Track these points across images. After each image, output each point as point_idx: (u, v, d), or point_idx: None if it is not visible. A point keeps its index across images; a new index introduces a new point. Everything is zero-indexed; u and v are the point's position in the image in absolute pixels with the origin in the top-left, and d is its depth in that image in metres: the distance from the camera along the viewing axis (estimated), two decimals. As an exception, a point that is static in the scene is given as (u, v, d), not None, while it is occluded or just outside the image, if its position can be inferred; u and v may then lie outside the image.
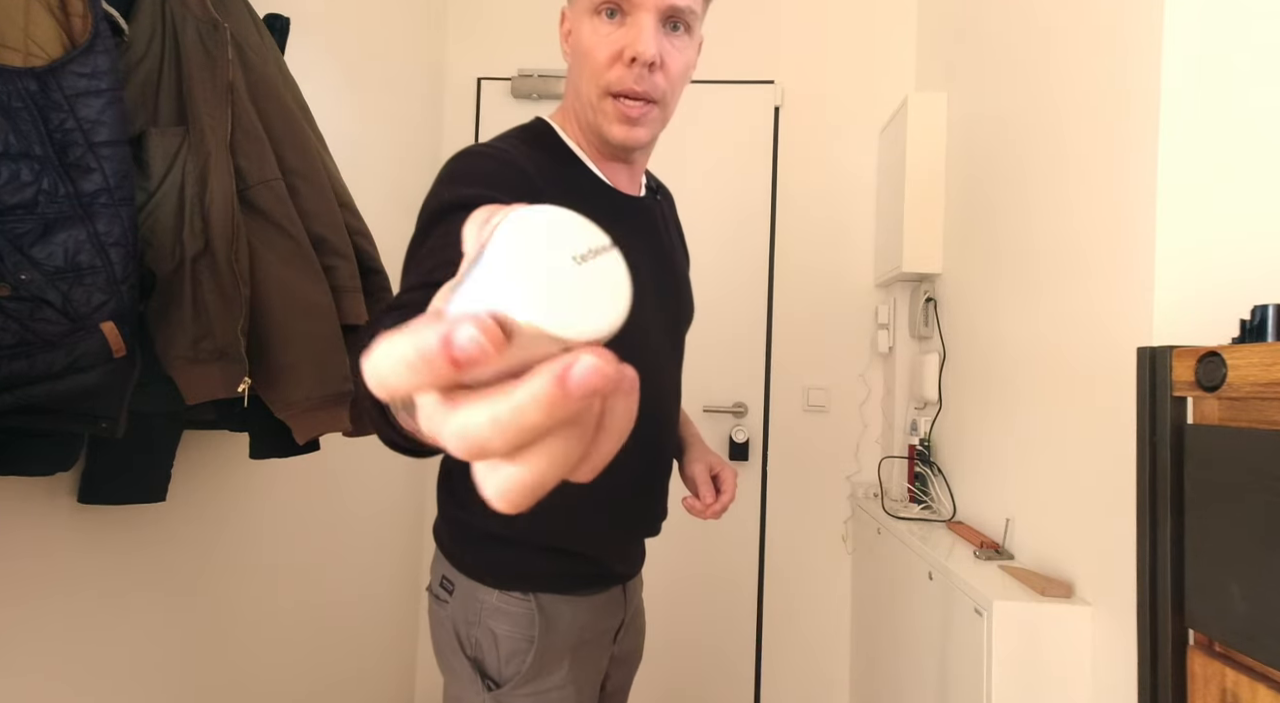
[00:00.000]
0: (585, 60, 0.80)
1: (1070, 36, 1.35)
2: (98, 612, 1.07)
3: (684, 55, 0.81)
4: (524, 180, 0.77)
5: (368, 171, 1.87)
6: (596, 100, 0.81)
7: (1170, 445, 0.81)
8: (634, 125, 0.80)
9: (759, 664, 2.29)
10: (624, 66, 0.78)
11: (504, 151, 0.79)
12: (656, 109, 0.81)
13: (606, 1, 0.77)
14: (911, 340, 2.15)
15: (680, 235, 1.04)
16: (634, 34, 0.77)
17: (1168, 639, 0.81)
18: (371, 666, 2.03)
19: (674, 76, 0.80)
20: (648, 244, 0.90)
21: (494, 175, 0.77)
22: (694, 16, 0.81)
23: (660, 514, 0.98)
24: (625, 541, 0.96)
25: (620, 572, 0.96)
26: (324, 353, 1.07)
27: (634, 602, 1.02)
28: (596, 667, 0.94)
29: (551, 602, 0.88)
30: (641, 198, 0.92)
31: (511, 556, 0.87)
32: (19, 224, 0.75)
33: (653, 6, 0.77)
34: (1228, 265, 1.03)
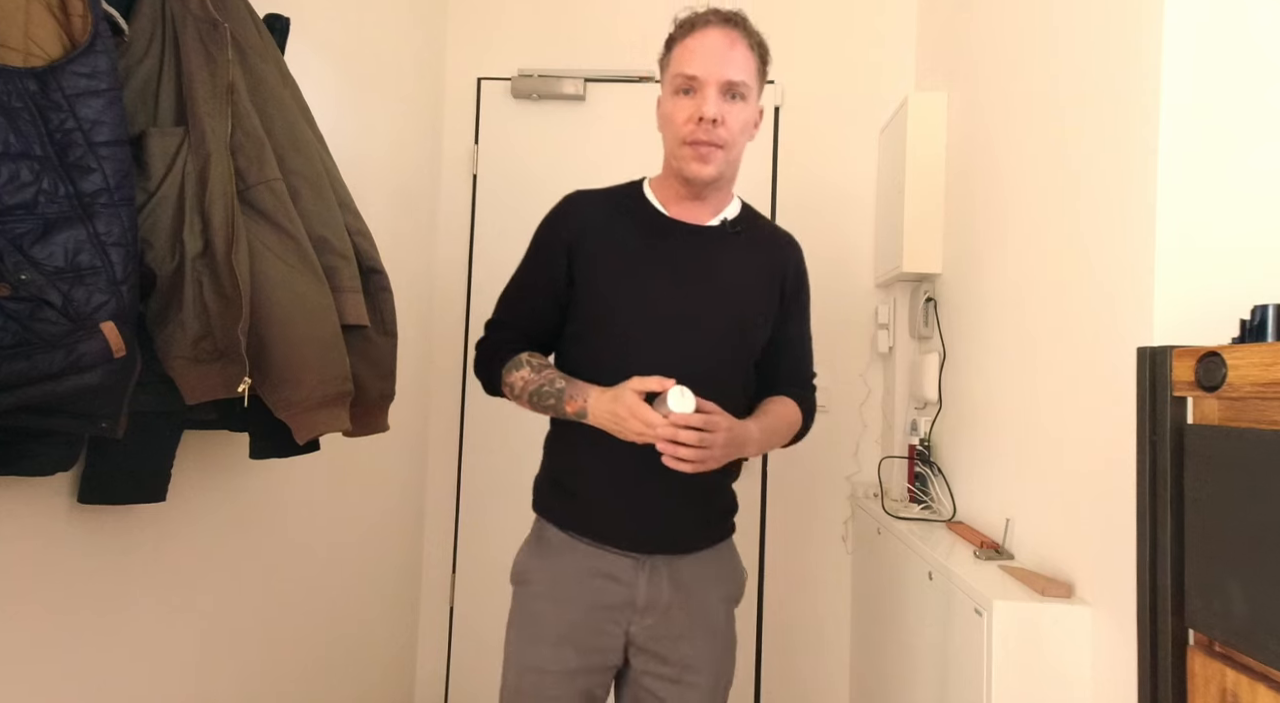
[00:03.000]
0: (670, 123, 1.13)
1: (1070, 36, 1.35)
2: (97, 612, 1.07)
3: (741, 116, 1.12)
4: (589, 212, 1.20)
5: (368, 172, 1.87)
6: (678, 149, 1.13)
7: (1170, 445, 0.81)
8: (704, 162, 1.11)
9: (759, 664, 2.29)
10: (694, 124, 1.09)
11: (582, 195, 1.24)
12: (721, 152, 1.11)
13: (684, 83, 1.11)
14: (911, 340, 2.15)
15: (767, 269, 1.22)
16: (701, 101, 1.09)
17: (1168, 639, 0.81)
18: (371, 666, 2.03)
19: (734, 130, 1.11)
20: (688, 259, 1.17)
21: (564, 213, 1.22)
22: (748, 88, 1.12)
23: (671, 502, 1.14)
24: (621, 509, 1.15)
25: (609, 536, 1.15)
26: (324, 353, 1.07)
27: (657, 589, 1.15)
28: (585, 612, 1.13)
29: (548, 527, 1.20)
30: (702, 226, 1.19)
31: (543, 489, 1.23)
32: (19, 224, 0.75)
33: (714, 83, 1.09)
34: (1228, 265, 1.03)
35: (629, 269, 1.15)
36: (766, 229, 1.27)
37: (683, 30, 1.13)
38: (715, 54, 1.09)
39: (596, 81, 2.37)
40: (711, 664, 1.18)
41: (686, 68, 1.10)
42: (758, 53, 1.15)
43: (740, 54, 1.11)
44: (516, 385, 1.17)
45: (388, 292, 1.27)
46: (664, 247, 1.16)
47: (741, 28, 1.13)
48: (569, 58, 2.40)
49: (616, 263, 1.16)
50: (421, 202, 2.27)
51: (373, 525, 2.00)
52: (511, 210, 2.40)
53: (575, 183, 2.32)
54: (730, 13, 1.13)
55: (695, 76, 1.10)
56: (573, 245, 1.18)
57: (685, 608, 1.16)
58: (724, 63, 1.09)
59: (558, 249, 1.19)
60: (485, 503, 2.38)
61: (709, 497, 1.21)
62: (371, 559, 2.00)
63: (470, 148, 2.43)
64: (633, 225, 1.18)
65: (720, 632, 1.21)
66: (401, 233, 2.11)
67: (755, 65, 1.14)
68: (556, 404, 1.12)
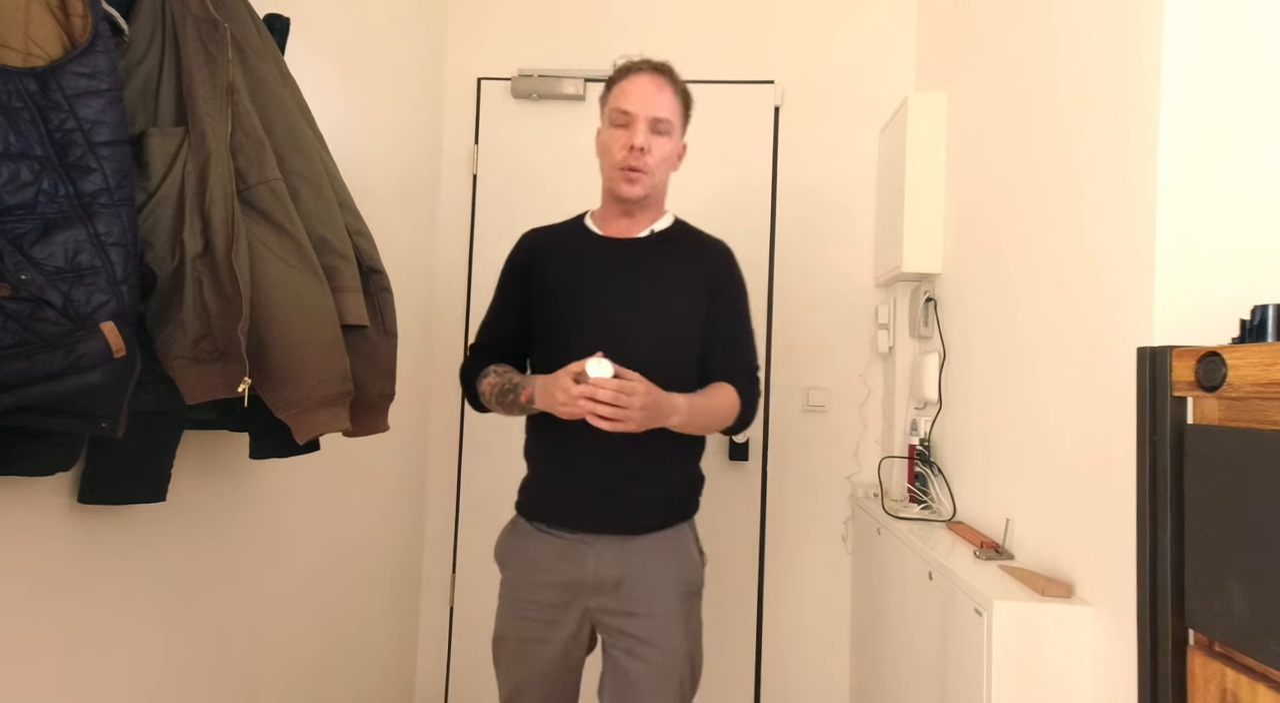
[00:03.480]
0: (607, 150, 1.33)
1: (1070, 36, 1.35)
2: (97, 611, 1.07)
3: (664, 149, 1.32)
4: (537, 242, 1.44)
5: (368, 172, 1.87)
6: (613, 172, 1.33)
7: (1170, 445, 0.81)
8: (633, 184, 1.31)
9: (759, 664, 2.29)
10: (626, 151, 1.30)
11: (535, 231, 1.47)
12: (647, 177, 1.31)
13: (620, 118, 1.31)
14: (911, 340, 2.15)
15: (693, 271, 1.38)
16: (633, 134, 1.30)
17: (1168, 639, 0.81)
18: (372, 666, 2.03)
19: (658, 158, 1.32)
20: (616, 264, 1.36)
21: (520, 248, 1.46)
22: (671, 126, 1.32)
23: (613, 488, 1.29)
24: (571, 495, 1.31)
25: (562, 520, 1.31)
26: (324, 353, 1.07)
27: (607, 568, 1.29)
28: (544, 590, 1.30)
29: (519, 518, 1.39)
30: (631, 239, 1.38)
31: (520, 488, 1.42)
32: (19, 224, 0.75)
33: (644, 119, 1.30)
34: (1228, 265, 1.04)
35: (569, 282, 1.36)
36: (696, 237, 1.43)
37: (620, 74, 1.34)
38: (646, 95, 1.29)
39: (596, 81, 2.37)
40: (664, 641, 1.27)
41: (622, 104, 1.30)
42: (681, 98, 1.35)
43: (666, 97, 1.31)
44: (486, 391, 1.36)
45: (388, 292, 1.28)
46: (599, 260, 1.36)
47: (668, 75, 1.33)
48: (569, 58, 2.40)
49: (559, 278, 1.37)
50: (421, 202, 2.27)
51: (373, 526, 2.00)
52: (511, 210, 2.40)
53: (575, 183, 2.34)
54: (660, 63, 1.34)
55: (629, 112, 1.29)
56: (528, 271, 1.41)
57: (636, 586, 1.28)
58: (653, 103, 1.29)
59: (518, 275, 1.43)
60: (485, 503, 2.38)
61: (653, 480, 1.32)
62: (371, 559, 2.00)
63: (470, 148, 2.43)
64: (574, 247, 1.39)
65: (673, 611, 1.29)
66: (401, 233, 2.11)
67: (679, 107, 1.34)
68: (515, 398, 1.30)
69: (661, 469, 1.33)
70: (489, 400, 1.35)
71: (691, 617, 1.33)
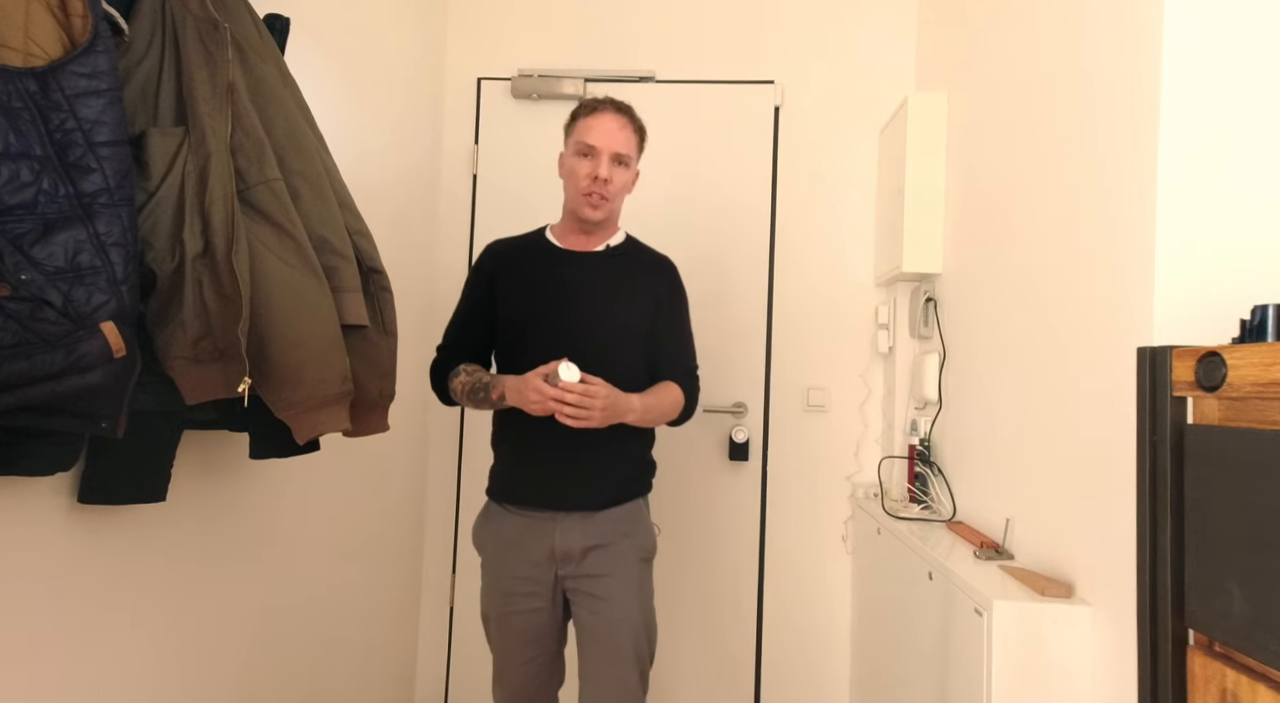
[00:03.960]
0: (573, 177, 1.48)
1: (1070, 36, 1.35)
2: (97, 611, 1.07)
3: (623, 178, 1.50)
4: (501, 253, 1.59)
5: (368, 172, 1.87)
6: (577, 196, 1.48)
7: (1170, 445, 0.81)
8: (595, 209, 1.47)
9: (759, 664, 2.29)
10: (590, 180, 1.45)
11: (498, 242, 1.62)
12: (608, 203, 1.48)
13: (585, 150, 1.46)
14: (911, 340, 2.15)
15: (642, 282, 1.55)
16: (597, 165, 1.45)
17: (1168, 639, 0.81)
18: (371, 666, 2.03)
19: (618, 186, 1.49)
20: (575, 274, 1.51)
21: (484, 258, 1.61)
22: (629, 159, 1.50)
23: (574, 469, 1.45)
24: (536, 477, 1.46)
25: (531, 500, 1.46)
26: (324, 353, 1.07)
27: (572, 538, 1.43)
28: (518, 565, 1.46)
29: (490, 503, 1.55)
30: (588, 252, 1.54)
31: (489, 474, 1.57)
32: (19, 224, 0.75)
33: (607, 153, 1.45)
34: (1228, 265, 1.04)
35: (529, 289, 1.51)
36: (645, 253, 1.61)
37: (586, 110, 1.49)
38: (610, 132, 1.46)
39: (596, 81, 2.37)
40: (620, 599, 1.44)
41: (587, 138, 1.46)
42: (639, 134, 1.51)
43: (627, 134, 1.48)
44: (458, 389, 1.49)
45: (388, 292, 1.27)
46: (556, 270, 1.51)
47: (628, 115, 1.49)
48: (569, 58, 2.40)
49: (520, 285, 1.52)
50: (421, 202, 2.27)
51: (373, 526, 2.00)
52: (511, 210, 2.40)
53: (575, 183, 2.33)
54: (622, 103, 1.50)
55: (594, 146, 1.45)
56: (492, 279, 1.55)
57: (599, 554, 1.45)
58: (615, 139, 1.46)
59: (482, 282, 1.57)
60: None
61: (611, 461, 1.48)
62: (371, 559, 2.00)
63: (470, 148, 2.43)
64: (534, 258, 1.54)
65: (629, 575, 1.47)
66: (401, 233, 2.11)
67: (636, 142, 1.51)
68: (485, 395, 1.43)
69: (617, 455, 1.49)
70: (459, 396, 1.49)
71: (645, 580, 1.51)
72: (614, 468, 1.49)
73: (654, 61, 2.38)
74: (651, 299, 1.54)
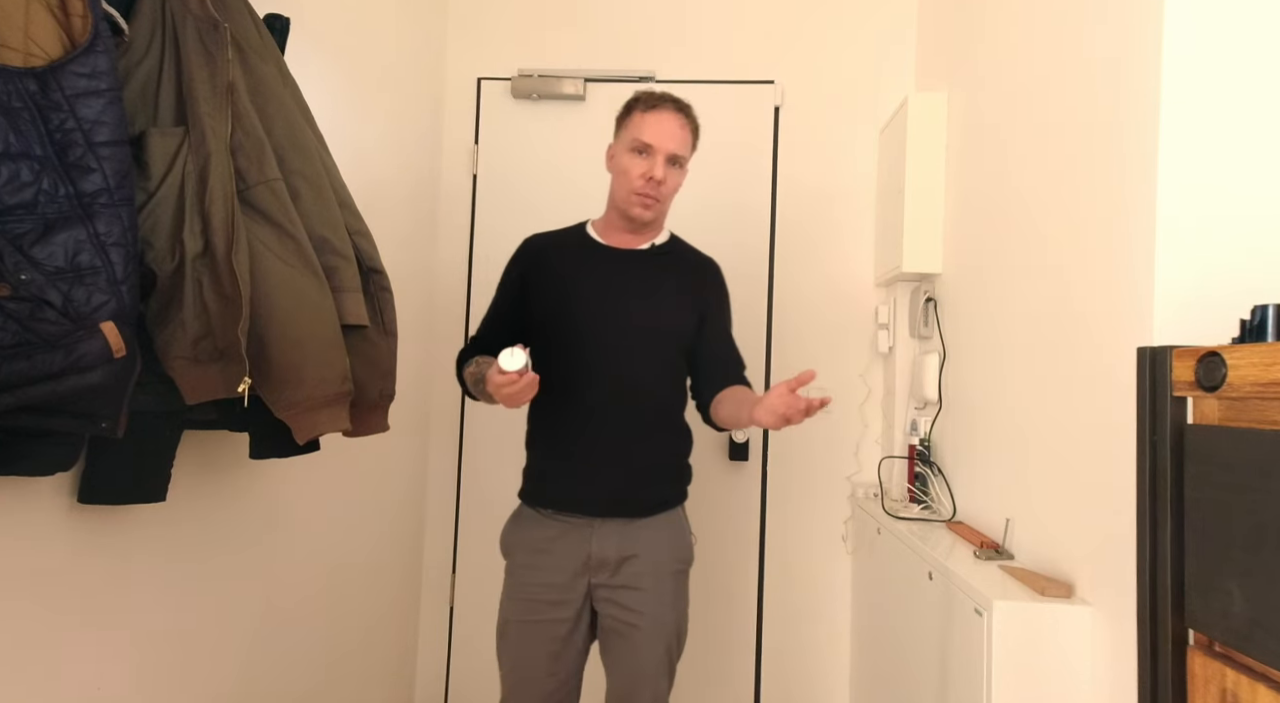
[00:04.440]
0: (625, 175, 1.42)
1: (1070, 36, 1.35)
2: (97, 611, 1.07)
3: (677, 179, 1.44)
4: (539, 247, 1.53)
5: (368, 171, 1.87)
6: (628, 195, 1.41)
7: (1170, 445, 0.81)
8: (646, 210, 1.42)
9: (759, 664, 2.29)
10: (645, 180, 1.39)
11: (536, 236, 1.55)
12: (659, 204, 1.43)
13: (640, 147, 1.40)
14: (911, 340, 2.15)
15: (687, 282, 1.51)
16: (652, 164, 1.39)
17: (1168, 639, 0.81)
18: (372, 666, 2.03)
19: (671, 188, 1.44)
20: (616, 272, 1.46)
21: (521, 252, 1.54)
22: (684, 158, 1.43)
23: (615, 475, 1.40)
24: (574, 482, 1.41)
25: (569, 505, 1.41)
26: (324, 353, 1.07)
27: (608, 547, 1.39)
28: (552, 572, 1.40)
29: (523, 507, 1.48)
30: (634, 250, 1.49)
31: (523, 478, 1.50)
32: (19, 224, 0.75)
33: (664, 153, 1.39)
34: (1228, 265, 1.03)
35: (564, 285, 1.45)
36: (690, 253, 1.56)
37: (645, 105, 1.42)
38: (669, 132, 1.40)
39: (596, 81, 2.37)
40: (654, 612, 1.40)
41: (644, 136, 1.39)
42: (694, 134, 1.46)
43: (685, 134, 1.42)
44: (468, 381, 1.45)
45: (388, 292, 1.27)
46: (595, 267, 1.46)
47: (687, 114, 1.44)
48: (569, 58, 2.40)
49: (555, 280, 1.46)
50: (421, 202, 2.27)
51: (373, 525, 2.00)
52: (511, 210, 2.40)
53: (575, 183, 2.34)
54: (682, 102, 1.44)
55: (650, 145, 1.39)
56: (526, 274, 1.50)
57: (634, 564, 1.40)
58: (673, 139, 1.40)
59: (515, 277, 1.52)
60: (485, 503, 2.38)
61: (651, 469, 1.44)
62: (372, 559, 2.00)
63: (470, 148, 2.43)
64: (573, 253, 1.49)
65: (665, 587, 1.42)
66: (401, 233, 2.11)
67: (691, 142, 1.45)
68: (483, 387, 1.35)
69: (659, 461, 1.46)
70: (469, 386, 1.46)
71: (680, 591, 1.46)
72: (655, 474, 1.45)
73: (654, 61, 2.38)
74: (698, 300, 1.49)
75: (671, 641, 1.42)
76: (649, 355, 1.42)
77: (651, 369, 1.40)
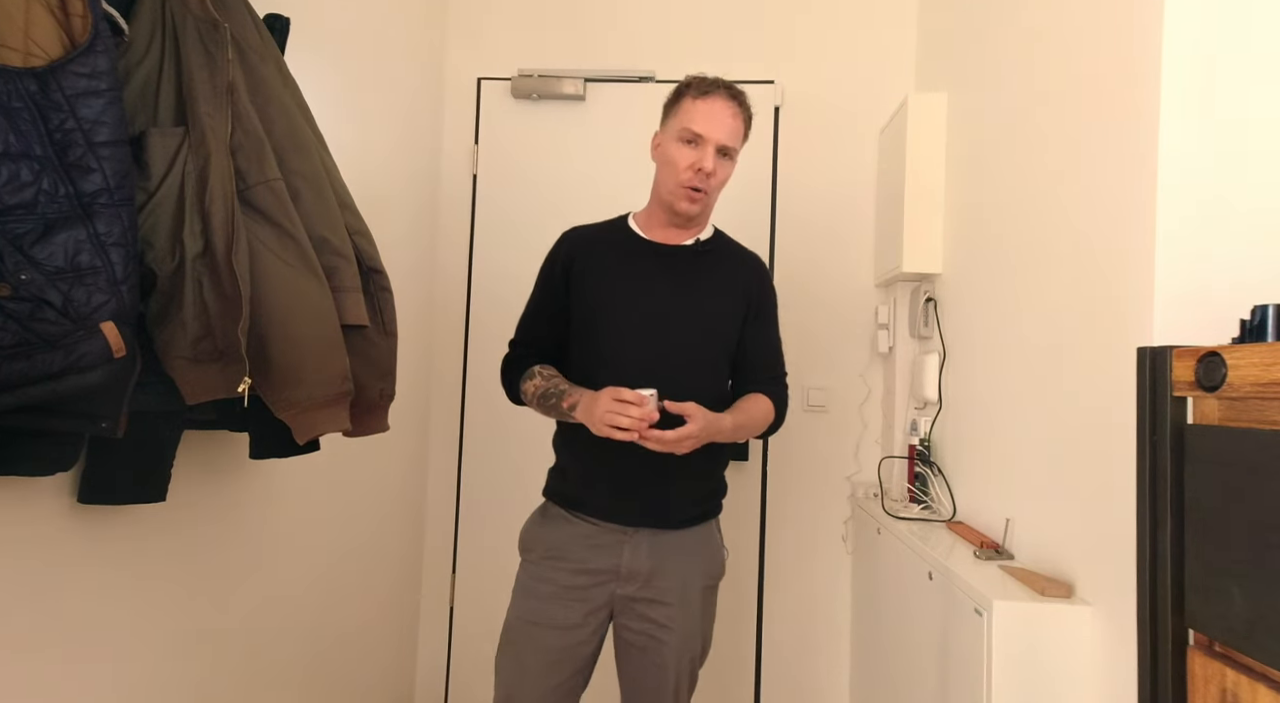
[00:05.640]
0: (672, 165, 1.34)
1: (1070, 37, 1.35)
2: (97, 612, 1.07)
3: (726, 171, 1.37)
4: (580, 241, 1.45)
5: (368, 172, 1.87)
6: (675, 187, 1.35)
7: (1170, 445, 0.81)
8: (694, 203, 1.36)
9: (759, 664, 2.29)
10: (693, 172, 1.33)
11: (576, 230, 1.47)
12: (706, 196, 1.36)
13: (689, 136, 1.32)
14: (911, 340, 2.15)
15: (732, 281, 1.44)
16: (703, 155, 1.32)
17: (1168, 639, 0.81)
18: (372, 666, 2.03)
19: (718, 182, 1.36)
20: (660, 268, 1.40)
21: (561, 246, 1.46)
22: (734, 150, 1.36)
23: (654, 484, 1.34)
24: (610, 488, 1.35)
25: (603, 511, 1.35)
26: (324, 353, 1.07)
27: (641, 558, 1.34)
28: (575, 576, 1.34)
29: (551, 506, 1.42)
30: (677, 246, 1.42)
31: (551, 476, 1.45)
32: (19, 224, 0.75)
33: (714, 142, 1.31)
34: (1228, 265, 1.04)
35: (610, 282, 1.39)
36: (734, 249, 1.49)
37: (697, 90, 1.33)
38: (719, 120, 1.31)
39: (596, 81, 2.37)
40: (681, 627, 1.35)
41: (694, 125, 1.31)
42: (747, 124, 1.37)
43: (738, 125, 1.34)
44: (529, 392, 1.38)
45: (388, 292, 1.27)
46: (640, 263, 1.40)
47: (740, 102, 1.35)
48: (569, 58, 2.40)
49: (600, 277, 1.39)
50: (422, 202, 2.27)
51: (373, 525, 2.00)
52: (511, 210, 2.40)
53: (575, 183, 2.34)
54: (736, 88, 1.35)
55: (701, 134, 1.31)
56: (569, 268, 1.41)
57: (664, 577, 1.34)
58: (724, 129, 1.32)
59: (558, 272, 1.43)
60: (485, 503, 2.38)
61: (691, 480, 1.38)
62: (371, 559, 2.00)
63: (470, 148, 2.43)
64: (615, 248, 1.42)
65: (693, 602, 1.37)
66: (401, 233, 2.11)
67: (744, 132, 1.37)
68: (557, 402, 1.32)
69: (698, 472, 1.37)
70: (530, 400, 1.39)
71: (709, 607, 1.42)
72: (693, 485, 1.39)
73: (654, 61, 2.38)
74: (742, 300, 1.43)
75: (696, 655, 1.40)
76: (691, 358, 1.37)
77: (693, 372, 1.35)
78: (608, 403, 1.20)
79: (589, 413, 1.24)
